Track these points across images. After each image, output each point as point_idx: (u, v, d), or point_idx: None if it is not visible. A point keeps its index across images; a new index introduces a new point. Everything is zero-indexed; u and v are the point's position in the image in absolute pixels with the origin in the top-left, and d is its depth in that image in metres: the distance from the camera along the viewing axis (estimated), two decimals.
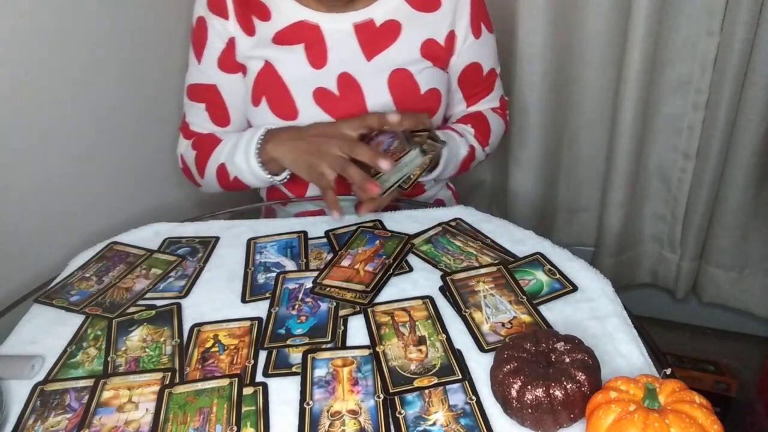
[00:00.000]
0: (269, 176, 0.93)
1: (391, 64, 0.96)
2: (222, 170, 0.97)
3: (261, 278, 0.79)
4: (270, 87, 0.95)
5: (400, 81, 0.96)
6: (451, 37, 0.99)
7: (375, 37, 0.96)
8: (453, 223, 0.89)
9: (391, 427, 0.58)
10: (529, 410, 0.55)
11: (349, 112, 0.94)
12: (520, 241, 0.85)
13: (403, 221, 0.90)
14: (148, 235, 0.89)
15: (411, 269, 0.80)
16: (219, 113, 1.01)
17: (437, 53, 0.99)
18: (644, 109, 1.42)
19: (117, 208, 1.10)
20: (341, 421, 0.58)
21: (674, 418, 0.50)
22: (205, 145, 1.00)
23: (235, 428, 0.58)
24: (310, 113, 0.95)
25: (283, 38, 0.95)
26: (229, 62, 0.98)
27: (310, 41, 0.95)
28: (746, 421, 1.34)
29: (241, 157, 0.93)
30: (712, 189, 1.47)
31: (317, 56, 0.95)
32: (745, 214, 1.48)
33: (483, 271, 0.78)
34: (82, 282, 0.80)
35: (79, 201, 1.04)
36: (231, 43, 0.96)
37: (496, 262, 0.80)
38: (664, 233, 1.63)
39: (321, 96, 0.95)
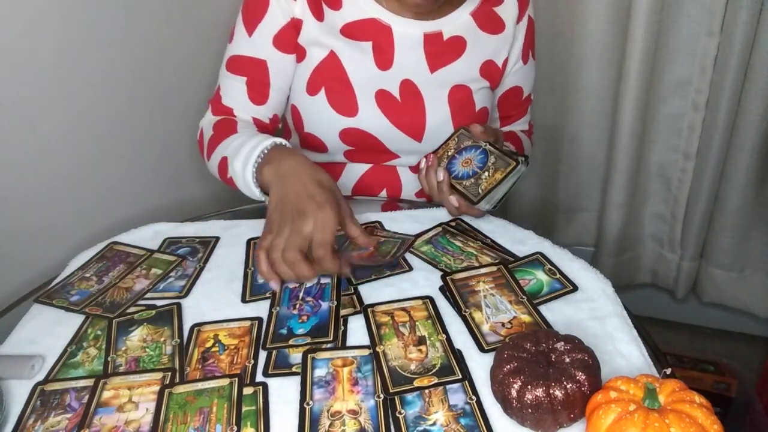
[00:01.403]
0: (260, 193, 0.84)
1: (453, 80, 0.97)
2: (223, 164, 0.90)
3: (261, 278, 0.79)
4: (332, 78, 0.94)
5: (460, 97, 0.97)
6: (506, 60, 1.02)
7: (440, 50, 0.96)
8: (453, 223, 0.89)
9: (391, 427, 0.58)
10: (529, 410, 0.55)
11: (408, 120, 0.95)
12: (520, 241, 0.85)
13: (403, 221, 0.90)
14: (148, 235, 0.89)
15: (411, 269, 0.80)
16: (260, 90, 0.97)
17: (493, 75, 1.01)
18: (644, 109, 1.42)
19: (117, 208, 1.10)
20: (341, 421, 0.58)
21: (674, 418, 0.50)
22: (223, 129, 0.94)
23: (235, 428, 0.58)
24: (369, 113, 0.94)
25: (352, 32, 0.94)
26: (286, 42, 0.94)
27: (379, 41, 0.94)
28: (746, 421, 1.34)
29: (240, 163, 0.85)
30: (712, 189, 1.47)
31: (384, 58, 0.94)
32: (745, 214, 1.48)
33: (483, 271, 0.78)
34: (82, 282, 0.80)
35: (79, 201, 1.04)
36: (293, 24, 0.93)
37: (496, 262, 0.80)
38: (664, 233, 1.63)
39: (383, 98, 0.94)
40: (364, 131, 0.95)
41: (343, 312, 0.73)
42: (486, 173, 0.86)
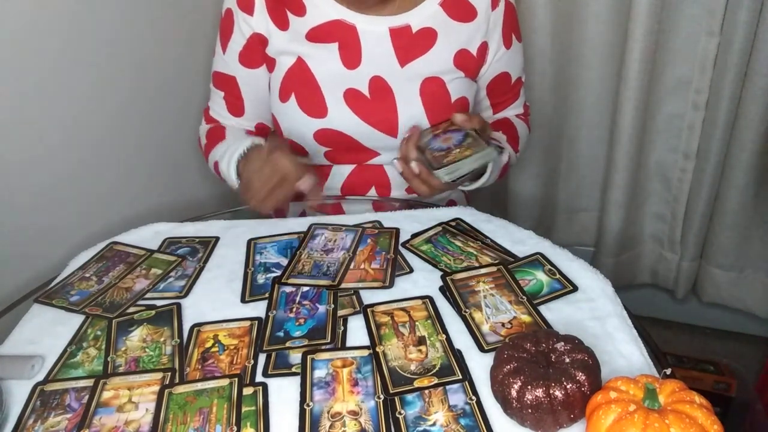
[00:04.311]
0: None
1: (424, 72, 0.96)
2: (216, 167, 1.00)
3: (261, 278, 0.79)
4: (300, 83, 0.95)
5: (432, 89, 0.97)
6: (483, 48, 1.00)
7: (410, 44, 0.96)
8: (453, 223, 0.89)
9: (392, 427, 0.58)
10: (529, 410, 0.55)
11: (379, 116, 0.96)
12: (520, 241, 0.85)
13: (402, 221, 0.90)
14: (148, 235, 0.89)
15: (411, 269, 0.80)
16: (235, 104, 1.02)
17: (469, 64, 1.00)
18: (644, 109, 1.42)
19: (117, 208, 1.10)
20: (341, 422, 0.58)
21: (674, 419, 0.50)
22: (213, 138, 1.03)
23: (235, 428, 0.58)
24: (339, 113, 0.95)
25: (317, 35, 0.95)
26: (250, 57, 0.98)
27: (345, 41, 0.95)
28: (746, 421, 1.34)
29: (225, 165, 0.96)
30: (712, 189, 1.47)
31: (351, 57, 0.95)
32: (745, 214, 1.48)
33: (483, 271, 0.78)
34: (82, 282, 0.80)
35: (79, 201, 1.04)
36: (254, 39, 0.96)
37: (496, 262, 0.80)
38: (664, 233, 1.63)
39: (352, 97, 0.95)
40: (337, 131, 0.96)
41: (342, 312, 0.73)
42: (457, 150, 0.88)
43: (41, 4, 0.91)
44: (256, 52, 0.97)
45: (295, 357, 0.66)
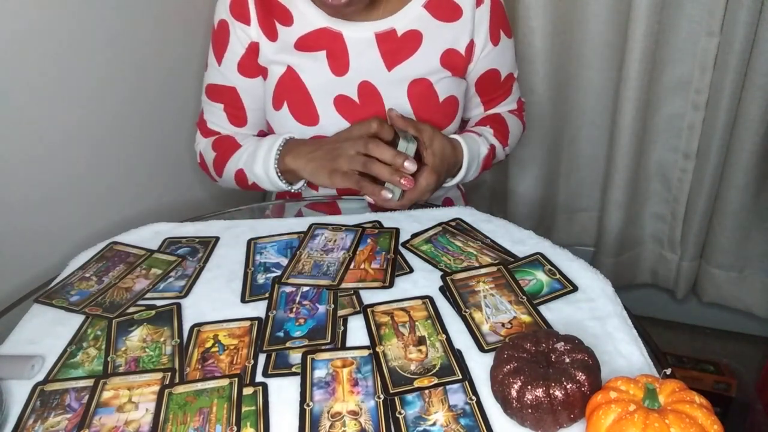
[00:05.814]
0: (287, 186, 0.96)
1: (411, 75, 0.96)
2: (241, 175, 0.99)
3: (260, 278, 0.79)
4: (292, 92, 0.96)
5: (420, 90, 0.97)
6: (470, 46, 0.99)
7: (396, 47, 0.96)
8: (453, 223, 0.89)
9: (392, 427, 0.58)
10: (529, 410, 0.55)
11: None
12: (520, 241, 0.85)
13: (402, 221, 0.90)
14: (148, 235, 0.89)
15: (411, 269, 0.80)
16: (237, 114, 1.02)
17: (456, 63, 0.99)
18: (644, 109, 1.42)
19: (117, 208, 1.10)
20: (342, 422, 0.58)
21: (674, 418, 0.50)
22: (225, 147, 1.01)
23: (235, 428, 0.58)
24: (330, 120, 0.95)
25: (305, 44, 0.95)
26: (249, 67, 0.98)
27: (332, 48, 0.95)
28: (746, 421, 1.34)
29: (259, 167, 0.94)
30: (712, 189, 1.47)
31: (339, 64, 0.95)
32: (745, 214, 1.48)
33: (483, 271, 0.78)
34: (82, 282, 0.80)
35: (79, 201, 1.04)
36: (252, 49, 0.96)
37: (496, 262, 0.80)
38: (664, 233, 1.63)
39: (341, 103, 0.96)
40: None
41: (342, 312, 0.73)
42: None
43: (41, 4, 0.91)
44: (253, 62, 0.98)
45: (295, 357, 0.66)
